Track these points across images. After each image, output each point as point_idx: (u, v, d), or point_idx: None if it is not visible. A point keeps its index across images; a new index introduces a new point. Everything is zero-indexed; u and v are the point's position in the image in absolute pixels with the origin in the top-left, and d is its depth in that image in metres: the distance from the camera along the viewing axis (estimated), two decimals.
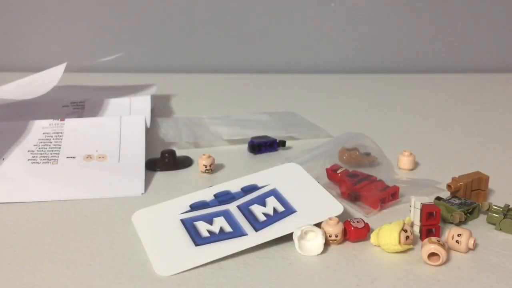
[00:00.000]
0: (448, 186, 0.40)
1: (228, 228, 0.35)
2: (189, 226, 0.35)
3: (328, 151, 0.47)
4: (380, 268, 0.32)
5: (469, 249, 0.33)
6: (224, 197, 0.38)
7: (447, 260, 0.32)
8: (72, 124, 0.49)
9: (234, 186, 0.40)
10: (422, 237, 0.34)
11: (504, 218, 0.36)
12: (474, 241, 0.33)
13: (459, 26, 0.93)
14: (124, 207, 0.40)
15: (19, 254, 0.33)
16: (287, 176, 0.40)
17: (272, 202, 0.37)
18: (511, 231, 0.36)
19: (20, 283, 0.30)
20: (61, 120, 0.49)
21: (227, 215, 0.36)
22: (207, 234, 0.35)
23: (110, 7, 0.88)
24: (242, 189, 0.39)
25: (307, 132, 0.57)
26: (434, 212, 0.34)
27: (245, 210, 0.37)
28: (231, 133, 0.55)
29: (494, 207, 0.37)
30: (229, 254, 0.33)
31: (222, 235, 0.34)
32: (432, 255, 0.32)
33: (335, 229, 0.34)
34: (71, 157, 0.46)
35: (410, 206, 0.36)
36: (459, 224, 0.36)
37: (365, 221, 0.35)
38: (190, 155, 0.50)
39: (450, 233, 0.34)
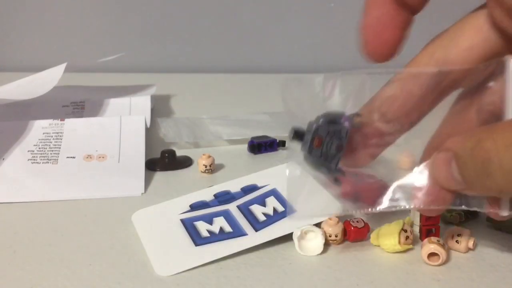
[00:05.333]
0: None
1: (228, 228, 0.35)
2: (189, 226, 0.36)
3: None
4: (380, 268, 0.32)
5: (469, 249, 0.33)
6: (224, 197, 0.39)
7: (447, 260, 0.32)
8: (72, 124, 0.49)
9: (234, 186, 0.40)
10: (422, 237, 0.34)
11: None
12: (474, 241, 0.33)
13: None
14: (124, 207, 0.40)
15: (19, 254, 0.33)
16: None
17: (272, 202, 0.37)
18: (511, 231, 0.36)
19: (20, 283, 0.30)
20: (61, 120, 0.49)
21: (227, 215, 0.36)
22: (207, 234, 0.35)
23: (110, 7, 0.88)
24: (242, 189, 0.39)
25: None
26: None
27: (245, 210, 0.37)
28: (231, 133, 0.55)
29: None
30: (229, 254, 0.33)
31: (222, 235, 0.34)
32: (432, 255, 0.32)
33: (335, 229, 0.34)
34: (71, 157, 0.46)
35: None
36: (459, 224, 0.36)
37: (365, 221, 0.35)
38: (190, 155, 0.49)
39: (450, 233, 0.34)
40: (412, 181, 0.30)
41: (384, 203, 0.30)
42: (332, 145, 0.30)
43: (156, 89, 0.65)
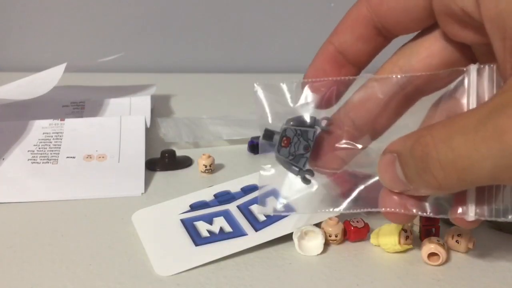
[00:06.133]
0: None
1: (228, 228, 0.35)
2: (189, 226, 0.36)
3: None
4: (380, 268, 0.32)
5: (469, 249, 0.33)
6: (224, 197, 0.39)
7: (447, 260, 0.32)
8: (72, 124, 0.49)
9: (234, 186, 0.40)
10: (422, 237, 0.34)
11: None
12: (474, 241, 0.33)
13: None
14: (124, 207, 0.40)
15: (19, 254, 0.33)
16: None
17: (272, 202, 0.37)
18: (511, 231, 0.36)
19: (20, 283, 0.30)
20: (61, 120, 0.49)
21: (227, 215, 0.36)
22: (207, 234, 0.35)
23: (110, 7, 0.88)
24: (242, 189, 0.39)
25: None
26: None
27: (245, 210, 0.37)
28: (231, 133, 0.55)
29: None
30: (229, 254, 0.33)
31: (222, 235, 0.34)
32: (432, 255, 0.32)
33: (335, 229, 0.34)
34: (71, 157, 0.46)
35: None
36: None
37: (365, 221, 0.35)
38: (190, 155, 0.49)
39: (450, 233, 0.34)
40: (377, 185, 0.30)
41: (347, 205, 0.31)
42: (299, 145, 0.31)
43: (156, 89, 0.65)
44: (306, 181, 0.32)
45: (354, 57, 0.32)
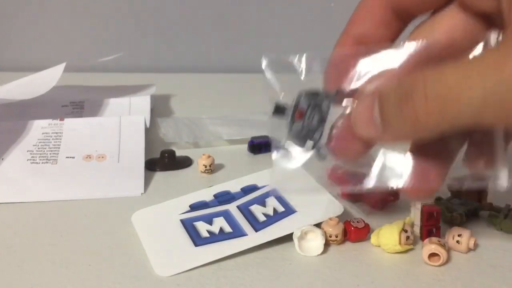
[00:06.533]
0: (449, 186, 0.39)
1: (228, 229, 0.35)
2: (189, 226, 0.35)
3: None
4: (381, 268, 0.32)
5: (470, 249, 0.33)
6: (224, 197, 0.38)
7: (448, 260, 0.32)
8: (72, 124, 0.49)
9: (234, 186, 0.40)
10: (422, 238, 0.34)
11: (504, 218, 0.36)
12: (475, 242, 0.33)
13: None
14: (124, 207, 0.39)
15: (19, 254, 0.33)
16: None
17: (272, 202, 0.37)
18: (511, 231, 0.36)
19: (20, 283, 0.30)
20: (60, 120, 0.49)
21: (227, 215, 0.36)
22: (207, 235, 0.35)
23: (110, 7, 0.88)
24: (242, 189, 0.39)
25: None
26: (435, 212, 0.34)
27: (245, 210, 0.37)
28: (231, 133, 0.55)
29: (494, 207, 0.37)
30: (229, 254, 0.33)
31: (222, 236, 0.34)
32: (432, 255, 0.32)
33: (335, 229, 0.34)
34: (71, 157, 0.46)
35: (411, 206, 0.35)
36: (460, 224, 0.36)
37: (365, 221, 0.35)
38: (190, 155, 0.49)
39: (451, 233, 0.34)
40: (401, 162, 0.28)
41: (371, 182, 0.29)
42: (314, 117, 0.29)
43: (156, 89, 0.65)
44: (321, 156, 0.30)
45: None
